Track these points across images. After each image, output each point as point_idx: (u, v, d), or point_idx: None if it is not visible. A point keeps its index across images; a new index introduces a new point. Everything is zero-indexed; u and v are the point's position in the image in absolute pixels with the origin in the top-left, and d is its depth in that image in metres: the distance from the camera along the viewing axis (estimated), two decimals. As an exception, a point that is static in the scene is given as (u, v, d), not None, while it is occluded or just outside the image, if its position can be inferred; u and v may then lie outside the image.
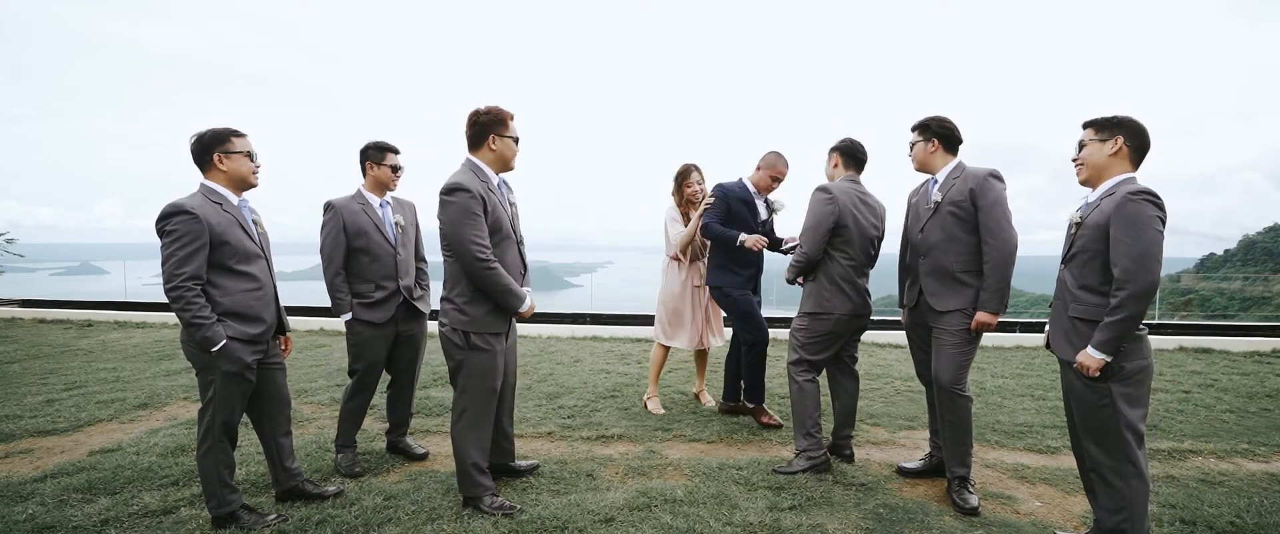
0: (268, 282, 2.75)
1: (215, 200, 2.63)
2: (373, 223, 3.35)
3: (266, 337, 2.73)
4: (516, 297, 2.81)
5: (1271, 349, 6.65)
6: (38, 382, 5.39)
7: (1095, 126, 2.45)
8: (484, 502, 2.87)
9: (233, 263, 2.63)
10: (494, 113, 2.81)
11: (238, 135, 2.69)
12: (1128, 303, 2.25)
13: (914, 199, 3.29)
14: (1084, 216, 2.44)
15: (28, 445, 3.80)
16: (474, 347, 2.81)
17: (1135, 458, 2.36)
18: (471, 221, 2.69)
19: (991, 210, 2.95)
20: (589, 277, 46.23)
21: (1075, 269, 2.47)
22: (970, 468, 3.08)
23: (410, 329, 3.49)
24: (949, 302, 3.04)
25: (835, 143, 3.52)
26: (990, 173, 2.99)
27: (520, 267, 2.94)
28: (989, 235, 2.96)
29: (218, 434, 2.66)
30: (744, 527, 2.77)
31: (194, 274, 2.53)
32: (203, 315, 2.53)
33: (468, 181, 2.71)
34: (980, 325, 3.00)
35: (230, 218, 2.63)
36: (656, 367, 4.60)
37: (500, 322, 2.86)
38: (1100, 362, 2.32)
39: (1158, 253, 2.25)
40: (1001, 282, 2.95)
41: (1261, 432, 4.15)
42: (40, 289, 18.84)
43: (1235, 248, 47.16)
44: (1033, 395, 4.97)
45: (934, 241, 3.08)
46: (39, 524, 2.74)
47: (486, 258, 2.72)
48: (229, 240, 2.60)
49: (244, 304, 2.64)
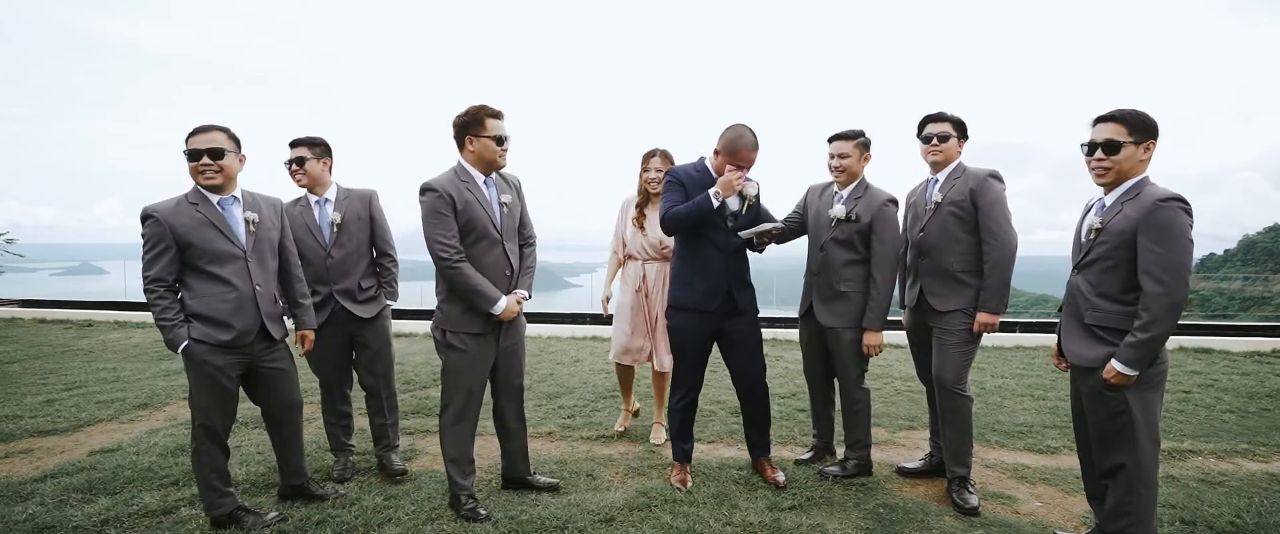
0: (244, 284, 2.63)
1: (193, 201, 2.59)
2: (305, 225, 3.21)
3: (242, 342, 2.62)
4: (485, 297, 2.77)
5: (1271, 349, 6.64)
6: (38, 382, 5.39)
7: (1127, 124, 2.28)
8: (460, 504, 2.85)
9: (202, 264, 2.58)
10: (470, 113, 2.78)
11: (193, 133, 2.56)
12: (1163, 318, 2.16)
13: (913, 199, 3.29)
14: (1105, 222, 2.32)
15: (28, 445, 3.80)
16: (449, 345, 2.83)
17: (1145, 464, 2.30)
18: (437, 221, 2.73)
19: (991, 210, 2.95)
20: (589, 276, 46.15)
21: (1093, 276, 2.37)
22: (970, 468, 3.08)
23: (359, 332, 3.30)
24: (949, 302, 3.04)
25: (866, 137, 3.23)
26: (990, 173, 2.99)
27: (505, 268, 2.89)
28: (989, 235, 2.96)
29: (200, 437, 2.63)
30: (744, 527, 2.77)
31: (157, 277, 2.54)
32: (166, 317, 2.54)
33: (438, 182, 2.75)
34: (982, 326, 2.99)
35: (201, 219, 2.57)
36: (625, 384, 4.10)
37: (474, 322, 2.83)
38: (1129, 378, 2.24)
39: (1190, 264, 2.17)
40: (1001, 281, 2.95)
41: (1261, 432, 4.15)
42: (40, 289, 18.86)
43: (1235, 248, 47.17)
44: (1033, 395, 4.97)
45: (934, 242, 3.08)
46: (39, 524, 2.74)
47: (449, 257, 2.73)
48: (195, 242, 2.55)
49: (211, 308, 2.57)
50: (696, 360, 3.21)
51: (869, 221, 3.15)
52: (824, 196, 3.34)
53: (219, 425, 2.65)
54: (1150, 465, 2.32)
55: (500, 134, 2.80)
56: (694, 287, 3.11)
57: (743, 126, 3.04)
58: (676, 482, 3.19)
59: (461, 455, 2.89)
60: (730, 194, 2.99)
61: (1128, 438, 2.30)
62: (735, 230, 3.10)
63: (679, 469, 3.25)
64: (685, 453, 3.27)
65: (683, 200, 3.05)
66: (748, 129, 3.04)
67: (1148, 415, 2.29)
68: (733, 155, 3.02)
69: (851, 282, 3.22)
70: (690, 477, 3.23)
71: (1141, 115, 2.28)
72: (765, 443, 3.35)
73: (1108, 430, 2.35)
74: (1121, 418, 2.30)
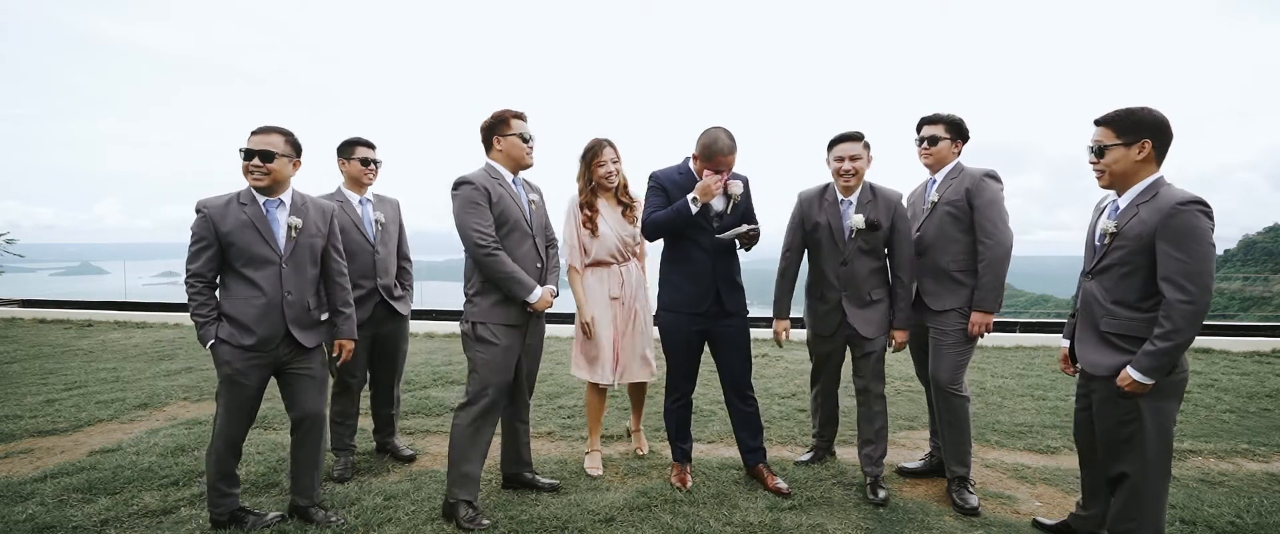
0: (273, 291, 2.61)
1: (243, 201, 2.63)
2: (351, 220, 3.33)
3: (266, 348, 2.61)
4: (522, 285, 2.82)
5: (1271, 349, 6.64)
6: (38, 382, 5.39)
7: (1114, 127, 2.22)
8: (459, 512, 2.75)
9: (239, 266, 2.61)
10: (496, 115, 2.91)
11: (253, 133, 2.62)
12: (1185, 327, 2.07)
13: (912, 199, 3.29)
14: (1120, 225, 2.23)
15: (28, 445, 3.80)
16: (480, 338, 2.83)
17: (1153, 474, 2.23)
18: (473, 211, 2.79)
19: (987, 210, 2.94)
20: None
21: (1108, 282, 2.27)
22: (970, 468, 3.08)
23: (388, 330, 3.46)
24: (945, 301, 3.04)
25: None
26: (987, 173, 2.98)
27: (536, 261, 2.95)
28: (984, 235, 2.96)
29: (218, 437, 2.65)
30: (744, 527, 2.77)
31: (197, 272, 2.58)
32: (201, 313, 2.59)
33: (472, 176, 2.84)
34: (977, 326, 2.99)
35: (245, 220, 2.59)
36: (592, 415, 3.51)
37: (509, 313, 2.85)
38: (1145, 386, 2.17)
39: (1210, 269, 2.09)
40: (996, 280, 2.95)
41: (1261, 432, 4.15)
42: (40, 289, 18.85)
43: (1235, 248, 47.19)
44: (1033, 395, 4.97)
45: (930, 241, 3.09)
46: (39, 524, 2.74)
47: (487, 244, 2.78)
48: (236, 242, 2.58)
49: (239, 311, 2.59)
50: (688, 361, 3.21)
51: (890, 223, 3.09)
52: (826, 205, 3.16)
53: (235, 427, 2.64)
54: (1158, 475, 2.24)
55: (524, 133, 2.90)
56: (682, 289, 3.12)
57: (718, 129, 3.01)
58: (676, 482, 3.18)
59: (472, 461, 2.80)
60: (708, 198, 2.99)
61: (1136, 446, 2.23)
62: (718, 231, 3.08)
63: (678, 469, 3.25)
64: (684, 453, 3.27)
65: (665, 205, 3.05)
66: (723, 132, 3.00)
67: (1160, 424, 2.21)
68: (709, 160, 3.00)
69: (880, 287, 3.16)
70: (690, 476, 3.23)
71: (1133, 115, 2.19)
72: (760, 447, 3.28)
73: (1116, 437, 2.29)
74: (1132, 425, 2.23)
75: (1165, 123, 2.18)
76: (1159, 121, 2.18)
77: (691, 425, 3.36)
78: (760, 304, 3.26)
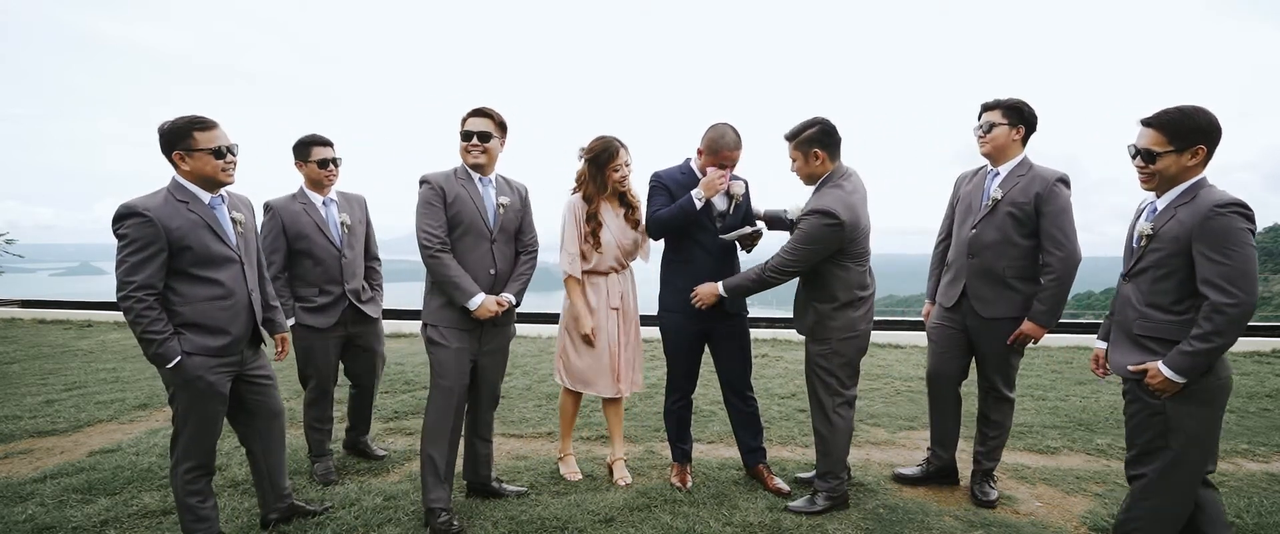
0: (239, 288, 2.45)
1: (181, 199, 2.35)
2: (314, 223, 3.20)
3: (235, 349, 2.44)
4: (462, 291, 2.73)
5: (1271, 349, 6.64)
6: (38, 382, 5.39)
7: (1166, 131, 2.07)
8: (434, 517, 2.72)
9: (196, 269, 2.35)
10: (463, 118, 2.84)
11: (202, 128, 2.33)
12: (1227, 329, 1.98)
13: (965, 188, 3.06)
14: (1156, 228, 2.14)
15: (28, 446, 3.80)
16: (429, 339, 2.82)
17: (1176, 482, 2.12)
18: (426, 211, 2.76)
19: (1058, 218, 2.75)
20: (589, 277, 45.84)
21: (1144, 285, 2.18)
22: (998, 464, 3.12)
23: (361, 333, 3.38)
24: (997, 308, 2.88)
25: None
26: (1059, 177, 2.77)
27: (489, 266, 2.85)
28: (1053, 245, 2.76)
29: (186, 458, 2.41)
30: (744, 527, 2.77)
31: (145, 283, 2.26)
32: (154, 329, 2.26)
33: (433, 175, 2.82)
34: (1025, 335, 2.85)
35: (196, 219, 2.35)
36: (567, 419, 3.40)
37: (454, 316, 2.80)
38: (1176, 386, 2.06)
39: (1254, 271, 2.00)
40: (1060, 295, 2.77)
41: (1261, 432, 4.15)
42: (40, 289, 18.86)
43: (1234, 248, 47.07)
44: (1033, 395, 4.97)
45: (987, 242, 2.88)
46: (39, 524, 2.74)
47: (432, 246, 2.75)
48: (191, 245, 2.32)
49: (206, 314, 2.36)
50: (688, 362, 3.21)
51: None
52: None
53: (209, 442, 2.44)
54: (1179, 485, 2.13)
55: (470, 129, 2.78)
56: (684, 290, 3.07)
57: (725, 125, 2.98)
58: (676, 482, 3.18)
59: (441, 457, 2.77)
60: (713, 194, 2.96)
61: (1157, 448, 2.13)
62: (721, 232, 3.07)
63: (678, 469, 3.24)
64: (684, 453, 3.27)
65: (668, 204, 3.03)
66: (730, 128, 2.98)
67: (1191, 431, 2.08)
68: (715, 155, 2.96)
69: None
70: (690, 476, 3.23)
71: (1189, 119, 2.05)
72: (761, 447, 3.28)
73: (1138, 436, 2.18)
74: (1156, 425, 2.12)
75: (1219, 126, 2.07)
76: (1214, 125, 2.06)
77: (691, 425, 3.36)
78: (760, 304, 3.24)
